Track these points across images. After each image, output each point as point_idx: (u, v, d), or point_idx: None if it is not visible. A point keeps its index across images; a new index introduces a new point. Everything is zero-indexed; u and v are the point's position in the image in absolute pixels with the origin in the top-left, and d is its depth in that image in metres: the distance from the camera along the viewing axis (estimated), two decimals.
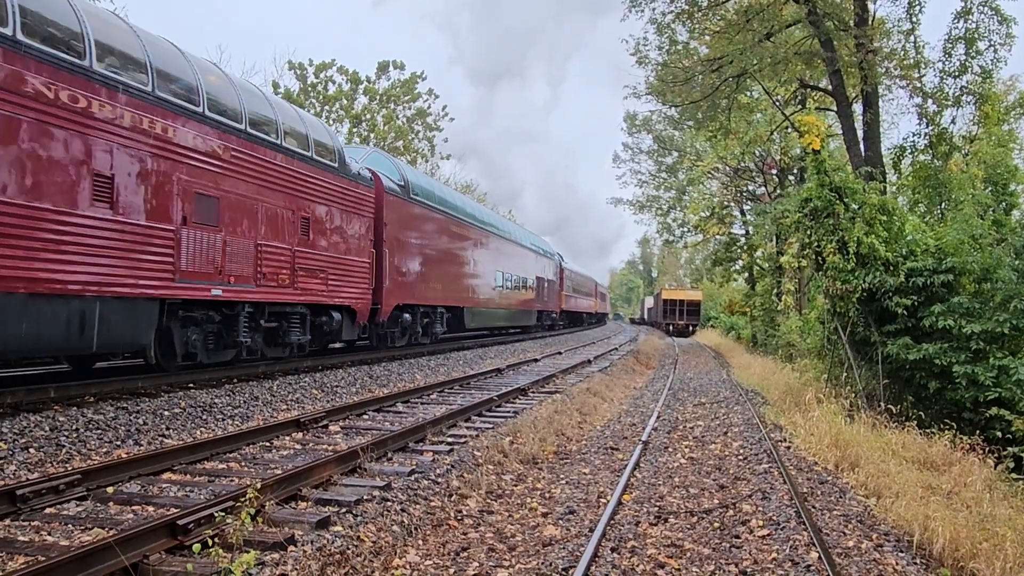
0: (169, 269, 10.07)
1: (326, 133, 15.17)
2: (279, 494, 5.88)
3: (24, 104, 7.90)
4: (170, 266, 10.09)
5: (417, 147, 43.29)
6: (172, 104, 10.25)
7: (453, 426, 10.01)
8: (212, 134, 11.07)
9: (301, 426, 9.19)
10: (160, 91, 10.02)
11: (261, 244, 12.19)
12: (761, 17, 18.44)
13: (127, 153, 9.36)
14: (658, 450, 10.21)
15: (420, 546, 5.75)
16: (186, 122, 10.52)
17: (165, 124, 10.05)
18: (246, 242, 11.80)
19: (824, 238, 13.77)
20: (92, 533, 5.08)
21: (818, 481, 8.38)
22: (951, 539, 6.18)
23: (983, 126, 18.37)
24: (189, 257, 10.48)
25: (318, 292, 14.01)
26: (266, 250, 12.32)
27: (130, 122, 9.40)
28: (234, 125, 11.61)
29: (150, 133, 9.76)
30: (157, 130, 9.89)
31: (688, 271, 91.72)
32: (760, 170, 35.40)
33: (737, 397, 16.18)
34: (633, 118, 47.96)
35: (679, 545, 6.07)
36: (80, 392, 9.42)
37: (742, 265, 41.82)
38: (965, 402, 11.70)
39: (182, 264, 10.34)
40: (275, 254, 12.58)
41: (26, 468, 6.65)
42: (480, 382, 15.34)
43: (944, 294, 12.71)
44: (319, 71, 39.60)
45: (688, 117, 25.28)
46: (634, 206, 53.45)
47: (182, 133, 10.42)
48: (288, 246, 12.97)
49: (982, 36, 17.18)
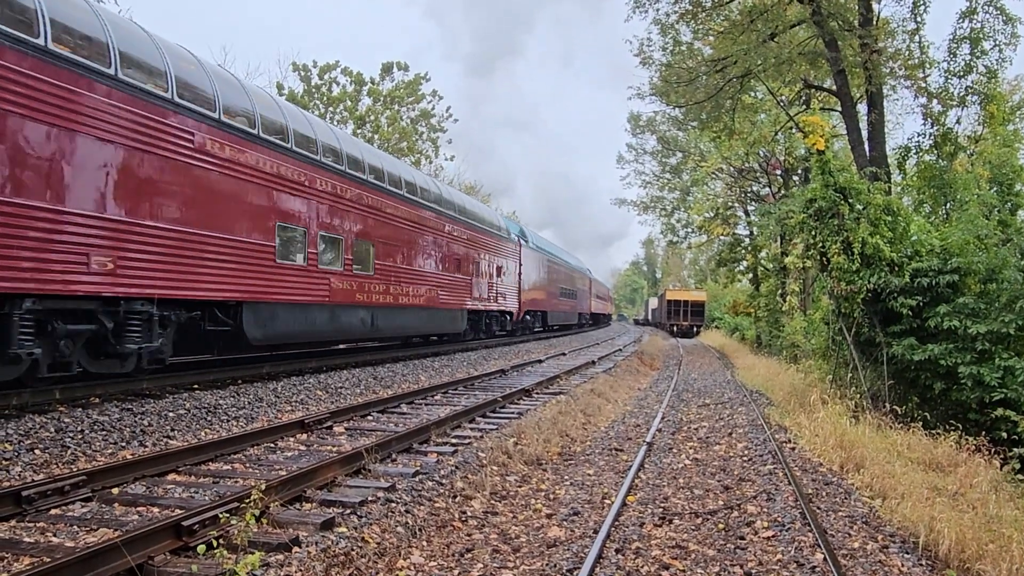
0: (465, 295, 23.45)
1: (501, 218, 32.24)
2: (284, 495, 5.88)
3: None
4: (467, 293, 23.56)
5: (421, 148, 43.32)
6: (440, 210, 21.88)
7: (457, 427, 10.01)
8: (462, 226, 23.45)
9: (305, 427, 9.21)
10: (415, 195, 20.04)
11: (487, 282, 25.82)
12: (765, 17, 18.41)
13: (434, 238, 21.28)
14: (662, 451, 10.19)
15: (424, 547, 5.75)
16: (455, 226, 22.56)
17: (443, 224, 21.77)
18: (481, 280, 25.13)
19: (829, 238, 13.73)
20: (97, 534, 5.09)
21: (823, 482, 8.36)
22: (957, 540, 6.17)
23: (988, 126, 18.28)
24: (477, 292, 24.53)
25: (502, 303, 28.25)
26: (487, 285, 25.76)
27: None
28: (470, 222, 24.39)
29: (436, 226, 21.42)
30: (434, 223, 21.12)
31: (692, 272, 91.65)
32: (764, 170, 35.35)
33: (742, 398, 16.15)
34: (637, 119, 47.97)
35: (683, 546, 6.06)
36: (85, 393, 9.45)
37: (746, 266, 41.77)
38: (971, 403, 11.65)
39: (474, 294, 24.27)
40: (489, 286, 26.07)
41: (31, 469, 6.67)
42: (484, 383, 15.34)
43: (949, 294, 12.65)
44: (323, 72, 39.67)
45: (692, 118, 25.18)
46: (638, 207, 53.47)
47: (457, 230, 22.75)
48: (490, 281, 26.25)
49: (987, 36, 17.12)
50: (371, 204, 16.66)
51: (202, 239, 11.07)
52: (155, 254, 10.15)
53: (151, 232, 10.11)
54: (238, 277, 11.85)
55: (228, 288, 11.64)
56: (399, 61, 42.71)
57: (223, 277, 11.51)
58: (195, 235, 10.94)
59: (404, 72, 42.34)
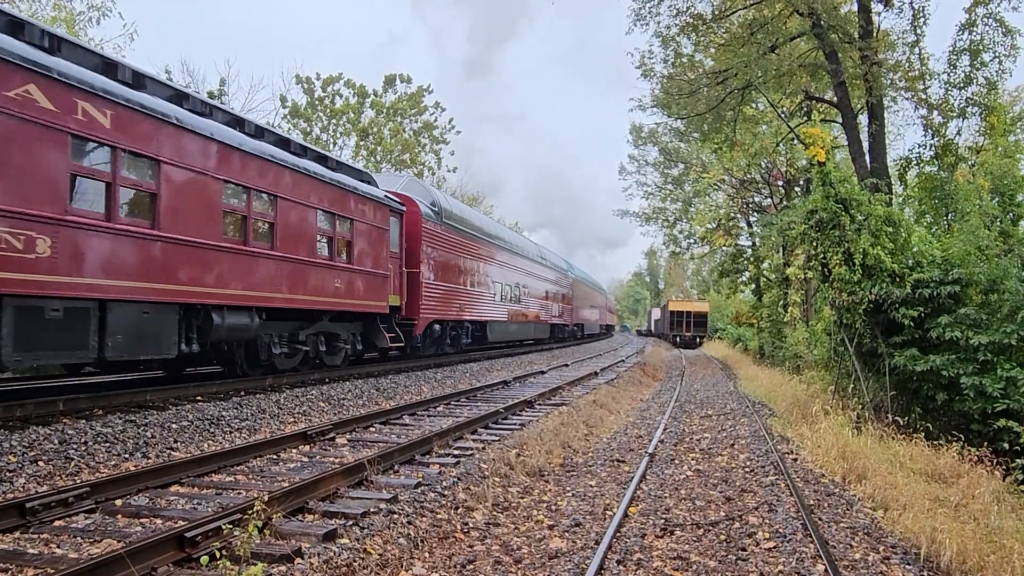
0: (555, 314, 41.30)
1: (563, 260, 48.53)
2: (286, 507, 5.91)
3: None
4: (554, 313, 40.94)
5: (424, 160, 43.48)
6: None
7: (459, 438, 10.03)
8: (555, 269, 42.07)
9: (308, 439, 9.23)
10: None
11: (560, 305, 42.39)
12: (766, 30, 18.50)
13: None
14: (664, 462, 10.19)
15: (426, 559, 5.76)
16: (553, 271, 41.18)
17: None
18: (554, 304, 40.52)
19: (830, 249, 13.76)
20: (101, 546, 5.12)
21: (825, 493, 8.36)
22: (959, 551, 6.16)
23: (989, 137, 18.32)
24: (556, 311, 40.98)
25: (565, 318, 43.88)
26: (560, 307, 42.14)
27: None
28: (554, 266, 42.55)
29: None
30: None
31: (695, 282, 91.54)
32: (766, 181, 35.42)
33: (744, 409, 16.14)
34: (639, 130, 48.12)
35: (685, 557, 6.06)
36: (89, 405, 9.49)
37: (749, 276, 41.78)
38: (973, 413, 11.64)
39: (553, 312, 40.31)
40: (562, 308, 42.71)
41: (35, 481, 6.70)
42: (487, 394, 15.35)
43: (951, 305, 12.66)
44: (326, 85, 39.88)
45: (694, 129, 25.27)
46: (640, 218, 53.55)
47: (556, 276, 42.22)
48: (563, 305, 43.15)
49: (987, 48, 17.17)
50: (542, 274, 37.26)
51: (486, 294, 26.58)
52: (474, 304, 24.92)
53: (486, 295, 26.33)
54: (487, 310, 26.44)
55: (482, 316, 25.74)
56: (402, 73, 42.96)
57: (482, 310, 25.67)
58: (484, 293, 26.19)
59: (407, 84, 42.57)
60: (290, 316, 13.83)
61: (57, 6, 21.69)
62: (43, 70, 8.22)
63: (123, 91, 9.49)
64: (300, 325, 14.33)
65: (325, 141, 39.27)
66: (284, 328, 13.79)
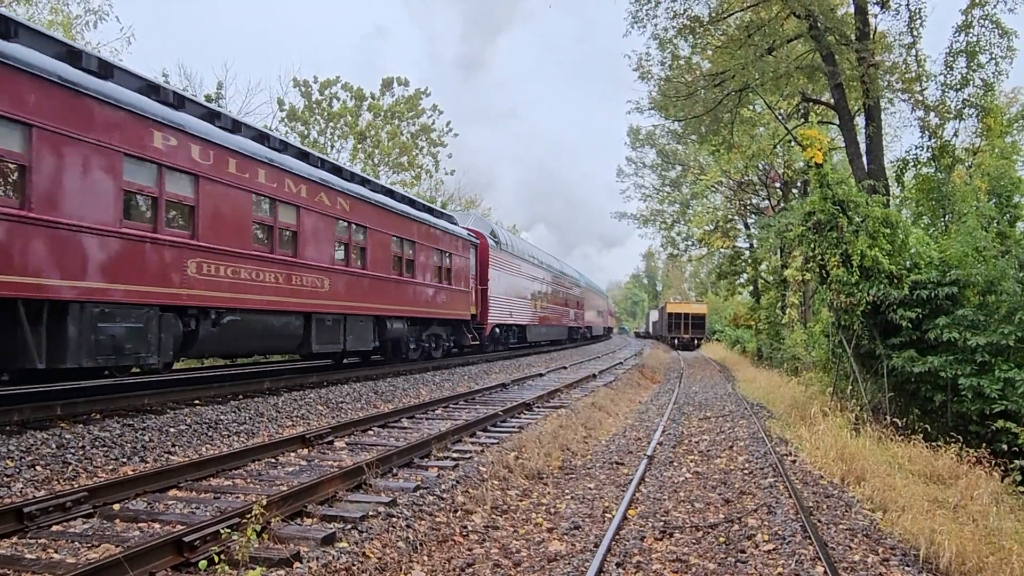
0: (587, 320, 55.57)
1: (581, 274, 57.58)
2: (285, 510, 5.90)
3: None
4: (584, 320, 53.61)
5: (421, 163, 43.48)
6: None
7: (458, 441, 10.01)
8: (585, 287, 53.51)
9: (307, 442, 9.21)
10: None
11: (585, 312, 53.81)
12: (763, 32, 18.54)
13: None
14: (663, 464, 10.19)
15: (425, 562, 5.75)
16: (581, 290, 52.11)
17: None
18: (583, 312, 52.81)
19: (828, 251, 13.77)
20: (99, 550, 5.11)
21: (824, 495, 8.36)
22: (957, 553, 6.16)
23: (986, 138, 18.34)
24: (589, 318, 55.46)
25: (588, 321, 55.73)
26: (586, 313, 54.30)
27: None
28: (586, 281, 56.28)
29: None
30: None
31: (693, 284, 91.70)
32: (764, 183, 35.49)
33: (742, 411, 16.14)
34: (637, 132, 48.18)
35: (684, 560, 6.06)
36: (86, 409, 9.47)
37: (747, 278, 41.81)
38: (971, 415, 11.64)
39: (586, 318, 54.69)
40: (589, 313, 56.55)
41: (33, 486, 6.68)
42: (485, 397, 15.34)
43: (949, 306, 12.66)
44: (324, 88, 39.85)
45: (691, 131, 25.34)
46: (638, 220, 53.60)
47: (582, 292, 52.51)
48: (584, 311, 54.23)
49: (983, 49, 17.19)
50: (561, 284, 43.42)
51: (526, 303, 33.61)
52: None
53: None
54: (527, 316, 32.65)
55: (523, 321, 31.85)
56: (399, 76, 42.96)
57: (523, 316, 31.83)
58: (525, 302, 33.15)
59: (404, 87, 42.55)
60: (419, 323, 19.94)
61: (54, 10, 21.70)
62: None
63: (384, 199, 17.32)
64: (423, 328, 20.46)
65: (323, 144, 39.25)
66: (415, 331, 19.78)
